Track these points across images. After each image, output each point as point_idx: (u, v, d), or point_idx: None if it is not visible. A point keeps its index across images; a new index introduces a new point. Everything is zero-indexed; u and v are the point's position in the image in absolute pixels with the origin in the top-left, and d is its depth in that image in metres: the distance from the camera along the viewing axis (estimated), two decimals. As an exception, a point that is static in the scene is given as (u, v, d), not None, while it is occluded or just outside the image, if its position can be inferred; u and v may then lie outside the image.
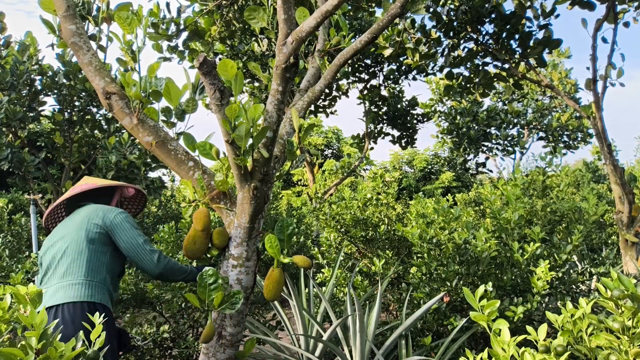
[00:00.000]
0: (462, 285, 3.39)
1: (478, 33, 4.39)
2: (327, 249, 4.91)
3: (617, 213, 4.04)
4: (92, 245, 2.30)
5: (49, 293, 2.23)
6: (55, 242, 2.36)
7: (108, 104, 2.41)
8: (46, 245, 2.41)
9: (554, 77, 13.03)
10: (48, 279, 2.30)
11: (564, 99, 4.40)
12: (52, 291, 2.22)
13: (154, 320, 3.99)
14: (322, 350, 3.50)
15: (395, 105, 9.89)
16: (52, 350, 1.18)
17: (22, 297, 1.34)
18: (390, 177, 17.25)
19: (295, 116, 2.53)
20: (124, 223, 2.36)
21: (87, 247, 2.28)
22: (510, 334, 1.59)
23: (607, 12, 4.03)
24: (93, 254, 2.29)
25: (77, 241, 2.29)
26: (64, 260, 2.27)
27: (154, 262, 2.33)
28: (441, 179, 18.58)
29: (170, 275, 2.41)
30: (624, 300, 1.48)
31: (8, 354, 1.14)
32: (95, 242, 2.31)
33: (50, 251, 2.35)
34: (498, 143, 14.18)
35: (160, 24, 4.46)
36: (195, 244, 2.32)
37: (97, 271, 2.29)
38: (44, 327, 1.22)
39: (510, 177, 4.26)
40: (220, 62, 2.02)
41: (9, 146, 4.90)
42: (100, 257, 2.32)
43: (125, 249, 2.35)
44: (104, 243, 2.34)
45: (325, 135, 23.09)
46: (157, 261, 2.34)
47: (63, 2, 2.47)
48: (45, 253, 2.38)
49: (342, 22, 2.93)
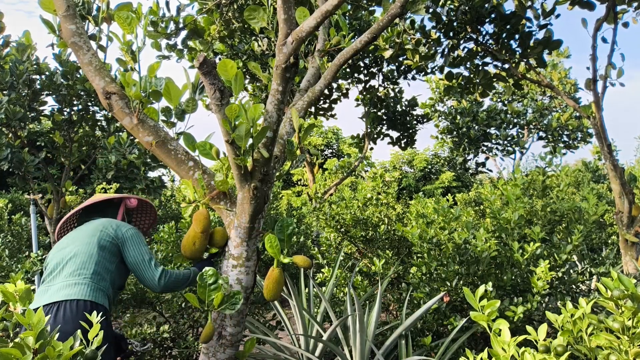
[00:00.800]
0: (462, 285, 3.39)
1: (478, 33, 4.38)
2: (327, 249, 4.90)
3: (617, 213, 4.04)
4: (102, 252, 2.35)
5: (52, 290, 2.24)
6: (64, 247, 2.39)
7: (108, 104, 2.41)
8: (54, 251, 2.44)
9: (553, 77, 13.03)
10: (53, 278, 2.31)
11: (564, 98, 4.40)
12: (56, 289, 2.24)
13: (154, 320, 3.99)
14: (322, 350, 3.50)
15: (394, 106, 9.88)
16: (50, 349, 1.18)
17: (11, 295, 1.33)
18: (390, 177, 17.25)
19: (295, 116, 2.53)
20: (135, 237, 2.43)
21: (97, 252, 2.33)
22: (510, 334, 1.59)
23: (607, 12, 4.03)
24: (101, 260, 2.34)
25: (88, 244, 2.34)
26: (72, 261, 2.31)
27: (155, 281, 2.37)
28: (441, 179, 18.58)
29: (174, 289, 2.45)
30: (624, 300, 1.48)
31: (5, 353, 1.13)
32: (105, 249, 2.36)
33: (59, 254, 2.38)
34: (498, 143, 14.18)
35: (160, 22, 4.46)
36: (194, 245, 2.33)
37: (103, 277, 2.32)
38: (41, 327, 1.22)
39: (510, 177, 4.26)
40: (220, 62, 2.02)
41: (9, 146, 4.90)
42: (108, 265, 2.36)
43: (130, 263, 2.39)
44: (113, 253, 2.39)
45: (325, 135, 23.08)
46: (159, 280, 2.37)
47: (63, 2, 2.46)
48: (53, 257, 2.41)
49: (342, 22, 2.93)
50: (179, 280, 2.42)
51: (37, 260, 4.15)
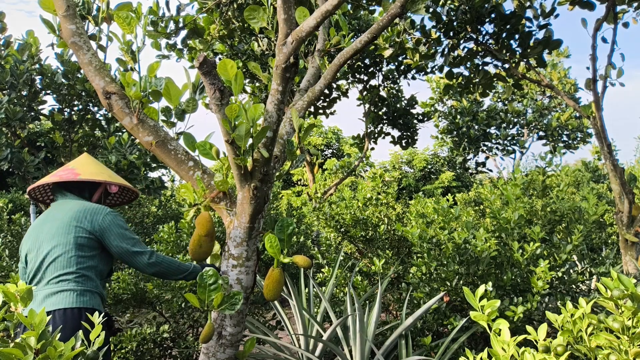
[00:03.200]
0: (462, 285, 3.39)
1: (478, 33, 4.39)
2: (327, 249, 4.91)
3: (617, 213, 4.04)
4: (81, 251, 2.27)
5: (38, 298, 2.21)
6: (42, 243, 2.30)
7: (108, 104, 2.41)
8: (30, 238, 2.35)
9: (553, 77, 13.04)
10: (37, 283, 2.27)
11: (564, 98, 4.40)
12: (42, 296, 2.21)
13: (154, 320, 3.99)
14: (322, 350, 3.50)
15: (394, 105, 9.88)
16: (52, 349, 1.18)
17: (12, 295, 1.34)
18: (389, 177, 17.25)
19: (295, 116, 2.53)
20: (112, 226, 2.33)
21: (76, 253, 2.26)
22: (510, 333, 1.59)
23: (606, 12, 4.03)
24: (82, 259, 2.27)
25: (65, 246, 2.25)
26: (52, 265, 2.24)
27: (144, 263, 2.34)
28: (441, 178, 18.56)
29: (167, 274, 2.41)
30: (624, 300, 1.48)
31: (7, 353, 1.13)
32: (84, 246, 2.29)
33: (36, 251, 2.30)
34: (498, 143, 14.19)
35: (160, 22, 4.46)
36: (201, 247, 2.33)
37: (87, 277, 2.28)
38: (43, 327, 1.22)
39: (510, 177, 4.26)
40: (220, 62, 2.02)
41: (9, 146, 4.90)
42: (89, 262, 2.30)
43: (115, 253, 2.35)
44: (93, 247, 2.32)
45: (325, 135, 23.08)
46: (148, 261, 2.34)
47: (63, 2, 2.46)
48: (30, 250, 2.32)
49: (342, 22, 2.93)
50: (171, 267, 2.38)
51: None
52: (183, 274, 2.44)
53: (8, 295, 1.32)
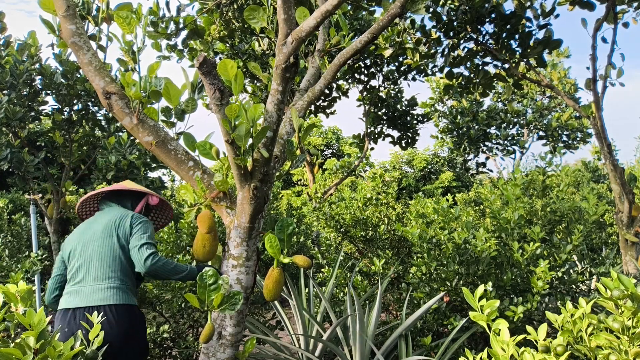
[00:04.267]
0: (462, 285, 3.39)
1: (478, 33, 4.38)
2: (327, 249, 4.91)
3: (617, 213, 4.04)
4: (124, 252, 2.44)
5: (84, 293, 2.35)
6: (86, 244, 2.46)
7: (108, 104, 2.41)
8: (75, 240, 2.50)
9: (553, 77, 13.04)
10: (81, 279, 2.40)
11: (564, 98, 4.40)
12: (88, 292, 2.35)
13: (154, 320, 3.99)
14: (322, 350, 3.50)
15: (394, 105, 9.87)
16: (51, 349, 1.18)
17: (13, 295, 1.34)
18: (389, 177, 17.25)
19: (295, 116, 2.53)
20: (140, 227, 2.47)
21: (120, 254, 2.43)
22: (510, 333, 1.59)
23: (606, 12, 4.02)
24: (125, 261, 2.44)
25: (111, 247, 2.42)
26: (99, 263, 2.39)
27: (141, 261, 2.39)
28: (441, 178, 18.55)
29: (163, 275, 2.43)
30: (624, 300, 1.48)
31: (7, 353, 1.13)
32: (125, 249, 2.44)
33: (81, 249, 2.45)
34: (498, 143, 14.19)
35: (160, 22, 4.46)
36: (205, 247, 2.34)
37: (130, 277, 2.45)
38: (42, 327, 1.22)
39: (510, 177, 4.26)
40: (220, 62, 2.02)
41: (8, 146, 4.90)
42: (127, 263, 2.45)
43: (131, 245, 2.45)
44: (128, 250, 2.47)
45: (325, 135, 23.07)
46: (145, 260, 2.37)
47: (63, 2, 2.46)
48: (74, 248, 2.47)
49: (342, 22, 2.93)
50: (168, 269, 2.40)
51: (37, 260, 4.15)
52: (180, 274, 2.44)
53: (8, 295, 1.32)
